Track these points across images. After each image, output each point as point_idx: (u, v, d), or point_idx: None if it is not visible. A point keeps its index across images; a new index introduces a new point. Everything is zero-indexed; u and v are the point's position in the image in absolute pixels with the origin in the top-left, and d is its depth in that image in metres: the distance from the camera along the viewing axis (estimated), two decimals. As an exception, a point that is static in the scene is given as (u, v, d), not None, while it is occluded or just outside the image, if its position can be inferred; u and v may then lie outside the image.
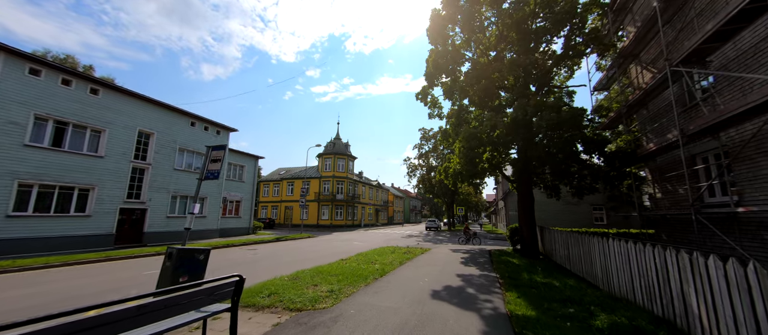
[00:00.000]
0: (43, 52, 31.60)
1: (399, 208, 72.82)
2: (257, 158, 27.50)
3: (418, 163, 42.62)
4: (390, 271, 8.45)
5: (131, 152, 16.47)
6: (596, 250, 7.13)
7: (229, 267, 9.73)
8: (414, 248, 15.62)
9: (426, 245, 18.35)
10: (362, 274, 7.72)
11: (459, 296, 6.09)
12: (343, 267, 8.87)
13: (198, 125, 20.49)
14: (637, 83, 12.55)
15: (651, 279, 5.11)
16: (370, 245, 18.26)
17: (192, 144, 19.90)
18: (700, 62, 8.17)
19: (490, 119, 10.83)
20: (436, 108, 17.60)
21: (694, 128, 7.60)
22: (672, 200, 10.18)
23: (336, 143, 45.85)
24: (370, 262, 10.06)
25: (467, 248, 16.48)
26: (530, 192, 13.66)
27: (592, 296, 5.98)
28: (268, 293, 5.79)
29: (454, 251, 15.13)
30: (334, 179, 43.04)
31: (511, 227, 16.05)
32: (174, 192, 18.63)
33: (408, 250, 14.21)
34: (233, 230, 23.83)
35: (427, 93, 16.95)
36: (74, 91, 14.31)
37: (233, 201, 24.61)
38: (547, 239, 12.98)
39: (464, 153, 11.97)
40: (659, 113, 10.44)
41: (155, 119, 17.78)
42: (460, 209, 39.22)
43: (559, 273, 8.60)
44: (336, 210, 42.84)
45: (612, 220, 28.14)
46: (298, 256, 12.98)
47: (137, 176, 16.93)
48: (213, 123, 21.40)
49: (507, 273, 8.26)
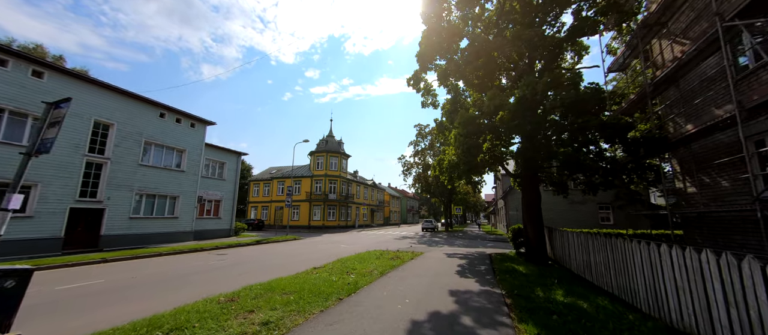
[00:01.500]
0: (8, 41, 29.49)
1: (396, 208, 70.93)
2: (240, 155, 25.58)
3: (414, 161, 40.76)
4: (364, 286, 6.60)
5: (85, 144, 14.54)
6: (638, 259, 5.31)
7: (167, 281, 7.86)
8: (404, 252, 13.78)
9: (419, 248, 16.51)
10: (325, 292, 5.87)
11: (450, 333, 4.24)
12: (307, 280, 7.02)
13: (168, 117, 18.56)
14: (661, 61, 10.77)
15: (754, 313, 3.28)
16: (358, 248, 16.40)
17: (161, 137, 17.98)
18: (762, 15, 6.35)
19: (493, 99, 9.00)
20: (429, 96, 15.78)
21: (760, 99, 5.80)
22: (712, 195, 8.38)
23: (328, 140, 43.96)
24: (345, 272, 8.21)
25: (464, 252, 14.65)
26: (536, 188, 11.86)
27: (645, 330, 4.15)
28: (169, 329, 3.93)
29: (449, 255, 13.30)
30: (327, 178, 41.14)
31: (513, 228, 14.23)
32: (139, 190, 16.71)
33: (396, 255, 12.37)
34: (211, 233, 21.90)
35: (419, 78, 15.11)
36: (11, 73, 12.40)
37: (212, 201, 22.67)
38: (558, 242, 11.16)
39: (461, 141, 10.14)
40: (696, 90, 8.64)
41: (115, 109, 15.85)
42: (458, 209, 37.39)
43: (580, 286, 6.78)
44: (328, 211, 40.93)
45: (618, 219, 26.43)
46: (269, 263, 11.12)
47: (93, 172, 15.00)
48: (186, 115, 19.48)
49: (515, 289, 6.42)
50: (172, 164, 18.71)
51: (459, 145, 10.14)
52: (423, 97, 15.91)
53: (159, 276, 8.24)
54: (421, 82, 15.24)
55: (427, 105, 16.01)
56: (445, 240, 23.11)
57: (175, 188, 18.59)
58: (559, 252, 11.09)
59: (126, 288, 6.91)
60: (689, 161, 9.19)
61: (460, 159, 10.95)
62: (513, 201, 29.68)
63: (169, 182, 18.33)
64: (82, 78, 14.63)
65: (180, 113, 19.15)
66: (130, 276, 8.17)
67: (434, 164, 14.68)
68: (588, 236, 7.93)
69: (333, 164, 42.29)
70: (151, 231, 17.07)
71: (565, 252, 10.20)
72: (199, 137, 20.36)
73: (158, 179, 17.74)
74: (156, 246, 15.57)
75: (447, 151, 13.37)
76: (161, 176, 17.94)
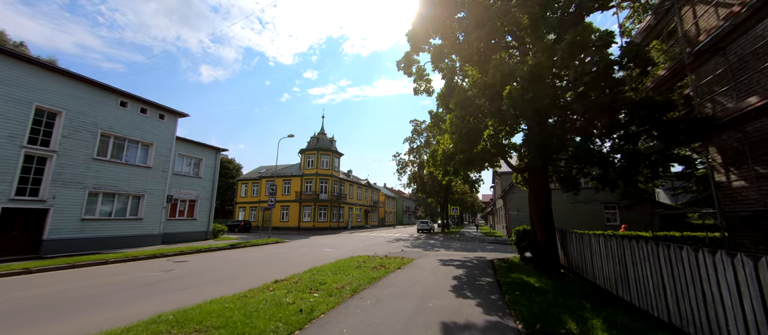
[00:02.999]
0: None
1: (391, 209, 69.01)
2: (219, 151, 23.60)
3: (409, 159, 38.90)
4: (321, 315, 4.73)
5: (24, 134, 12.54)
6: (722, 280, 3.49)
7: (59, 307, 5.92)
8: (392, 258, 11.91)
9: (412, 252, 14.64)
10: (258, 329, 3.99)
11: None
12: (249, 303, 5.14)
13: (132, 106, 16.57)
14: (694, 32, 9.00)
15: None
16: (343, 252, 14.52)
17: (122, 129, 15.99)
18: None
19: (500, 66, 7.11)
20: (422, 81, 13.94)
21: None
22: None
23: (320, 138, 42.02)
24: (309, 289, 6.33)
25: (462, 258, 12.81)
26: (546, 184, 10.06)
27: None
28: None
29: (444, 262, 11.45)
30: (318, 177, 39.19)
31: (518, 230, 12.41)
32: (94, 188, 14.71)
33: (382, 263, 10.49)
34: (184, 236, 19.88)
35: (411, 61, 13.31)
36: (-77, 47, 10.41)
37: (185, 200, 20.67)
38: (574, 248, 9.34)
39: (458, 126, 8.30)
40: (752, 58, 6.87)
41: (64, 94, 13.85)
42: (455, 210, 35.61)
43: (621, 312, 4.96)
44: (319, 211, 38.96)
45: (625, 220, 24.76)
46: (225, 274, 9.21)
47: (35, 167, 13.00)
48: (154, 104, 17.51)
49: (536, 319, 4.58)
50: (135, 159, 16.72)
51: (455, 130, 8.30)
52: (415, 83, 14.08)
53: (58, 296, 6.29)
54: (412, 65, 13.42)
55: (419, 92, 14.19)
56: (441, 243, 21.28)
57: (139, 186, 16.61)
58: (574, 259, 9.28)
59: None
60: (736, 147, 7.41)
61: (457, 147, 9.12)
62: (513, 201, 27.89)
63: (132, 180, 16.34)
64: (20, 58, 12.64)
65: (146, 102, 17.17)
66: (21, 295, 6.23)
67: (429, 157, 12.81)
68: (623, 241, 6.11)
69: (324, 163, 40.36)
70: (108, 235, 15.07)
71: (584, 259, 8.39)
72: (168, 129, 18.38)
73: (118, 176, 15.74)
74: (111, 252, 13.59)
75: (441, 141, 11.54)
76: (122, 172, 15.94)
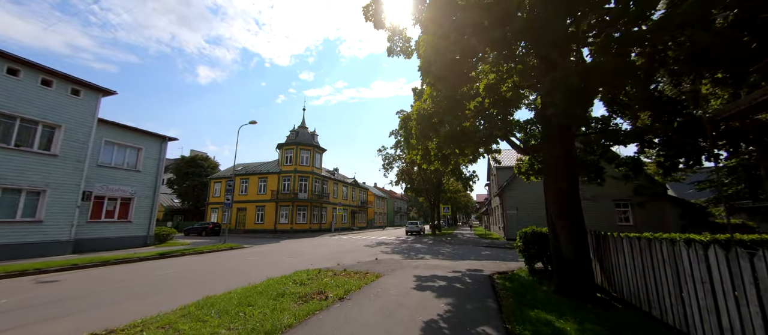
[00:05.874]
0: None
1: (381, 210, 65.44)
2: (165, 139, 19.76)
3: (395, 154, 35.50)
4: None
5: None
6: None
7: None
8: (351, 274, 8.42)
9: (387, 262, 11.14)
10: None
11: None
12: None
13: (26, 75, 12.83)
14: None
15: None
16: (305, 261, 11.08)
17: (9, 104, 12.27)
18: None
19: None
20: (397, 36, 10.57)
21: None
22: None
23: (300, 131, 38.37)
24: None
25: (450, 271, 9.38)
26: (572, 162, 6.67)
27: None
28: None
29: (422, 282, 8.00)
30: (296, 174, 35.52)
31: (525, 232, 8.96)
32: (-39, 180, 10.96)
33: (329, 283, 7.00)
34: (113, 242, 16.11)
35: (379, 4, 9.94)
36: None
37: (117, 199, 16.89)
38: (621, 261, 5.95)
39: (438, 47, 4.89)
40: None
41: None
42: (446, 209, 32.28)
43: None
44: (298, 212, 35.27)
45: (641, 219, 21.68)
46: (89, 304, 5.64)
47: None
48: (63, 76, 13.78)
49: None
50: (32, 144, 12.97)
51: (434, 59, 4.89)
52: (389, 41, 10.69)
53: None
54: (382, 12, 10.03)
55: (394, 52, 10.85)
56: (429, 248, 17.84)
57: (38, 179, 12.86)
58: (621, 277, 5.90)
59: None
60: None
61: (439, 103, 5.68)
62: (511, 198, 24.61)
63: (27, 170, 12.59)
64: None
65: (51, 72, 13.44)
66: None
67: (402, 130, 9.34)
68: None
69: (304, 159, 36.71)
70: (-15, 242, 11.33)
71: (646, 281, 5.01)
72: (85, 108, 14.64)
73: (4, 165, 12.01)
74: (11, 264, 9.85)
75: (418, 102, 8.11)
76: (11, 160, 12.21)
